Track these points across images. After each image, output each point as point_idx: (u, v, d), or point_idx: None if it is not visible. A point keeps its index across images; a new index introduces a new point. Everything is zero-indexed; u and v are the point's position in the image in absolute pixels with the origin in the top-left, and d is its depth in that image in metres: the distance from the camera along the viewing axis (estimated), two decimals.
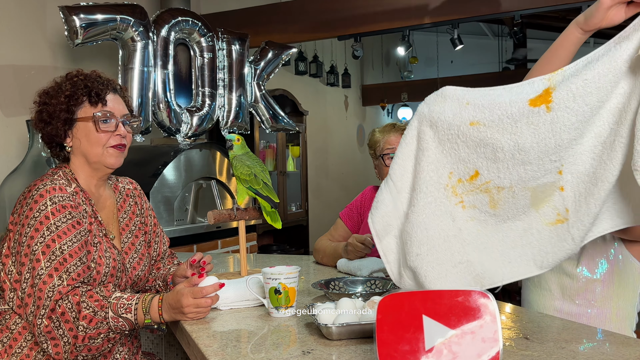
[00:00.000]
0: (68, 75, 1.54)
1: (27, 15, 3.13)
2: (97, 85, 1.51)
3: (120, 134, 1.52)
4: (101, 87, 1.51)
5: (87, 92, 1.49)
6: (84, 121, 1.49)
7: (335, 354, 1.08)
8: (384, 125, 2.20)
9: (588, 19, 1.15)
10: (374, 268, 1.82)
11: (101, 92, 1.50)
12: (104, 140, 1.49)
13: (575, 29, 1.20)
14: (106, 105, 1.51)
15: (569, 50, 1.23)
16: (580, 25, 1.18)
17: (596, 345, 1.10)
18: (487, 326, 0.89)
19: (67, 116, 1.48)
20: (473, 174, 1.10)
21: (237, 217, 1.82)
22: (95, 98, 1.49)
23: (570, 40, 1.22)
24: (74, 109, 1.48)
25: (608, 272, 1.43)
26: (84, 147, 1.49)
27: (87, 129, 1.49)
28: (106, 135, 1.50)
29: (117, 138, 1.51)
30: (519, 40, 5.21)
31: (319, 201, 6.59)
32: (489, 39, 9.01)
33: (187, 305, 1.33)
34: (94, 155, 1.50)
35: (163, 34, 3.26)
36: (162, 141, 3.50)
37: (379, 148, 2.14)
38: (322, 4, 4.06)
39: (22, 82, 3.08)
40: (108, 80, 1.56)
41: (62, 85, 1.50)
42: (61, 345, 1.31)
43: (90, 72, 1.55)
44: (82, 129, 1.49)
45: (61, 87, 1.50)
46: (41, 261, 1.33)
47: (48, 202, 1.37)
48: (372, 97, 8.54)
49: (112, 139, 1.51)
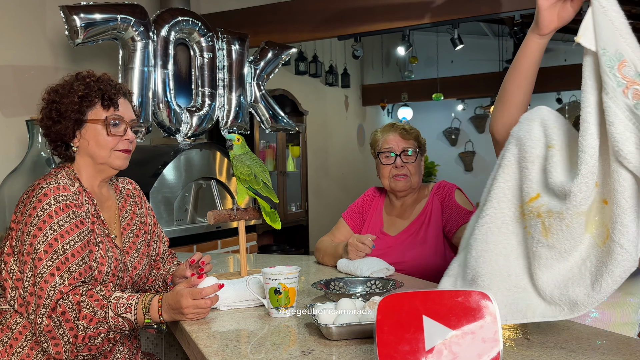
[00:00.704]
0: (79, 76, 1.54)
1: (27, 15, 3.13)
2: (110, 89, 1.52)
3: (128, 138, 1.54)
4: (114, 92, 1.52)
5: (100, 94, 1.50)
6: (94, 123, 1.50)
7: (335, 354, 1.08)
8: (384, 125, 2.22)
9: (539, 24, 1.16)
10: (374, 268, 1.82)
11: (114, 96, 1.52)
12: (112, 144, 1.51)
13: (532, 35, 1.20)
14: (118, 110, 1.52)
15: (532, 57, 1.23)
16: (535, 31, 1.19)
17: (597, 345, 1.10)
18: (488, 326, 0.89)
19: (78, 117, 1.48)
20: (534, 195, 1.06)
21: (237, 217, 1.82)
22: (108, 102, 1.50)
23: (531, 48, 1.22)
24: (85, 110, 1.49)
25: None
26: (92, 149, 1.50)
27: (97, 131, 1.50)
28: (115, 140, 1.51)
29: (126, 143, 1.53)
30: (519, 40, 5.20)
31: (319, 201, 6.59)
32: (489, 39, 9.01)
33: (186, 307, 1.33)
34: (101, 157, 1.51)
35: (163, 34, 3.26)
36: (162, 141, 3.50)
37: (377, 146, 2.16)
38: (322, 4, 4.06)
39: (22, 82, 3.08)
40: (119, 85, 1.57)
41: (73, 85, 1.50)
42: (61, 345, 1.31)
43: (102, 75, 1.56)
44: (92, 131, 1.50)
45: (73, 86, 1.50)
46: (43, 260, 1.33)
47: (52, 201, 1.38)
48: (372, 97, 8.55)
49: (121, 143, 1.52)
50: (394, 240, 2.10)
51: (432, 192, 2.13)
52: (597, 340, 1.13)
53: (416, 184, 2.12)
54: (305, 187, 5.82)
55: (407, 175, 2.09)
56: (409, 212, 2.15)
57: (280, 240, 5.67)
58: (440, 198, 2.09)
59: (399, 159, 2.09)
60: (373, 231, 2.14)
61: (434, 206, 2.09)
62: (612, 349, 1.08)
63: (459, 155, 9.83)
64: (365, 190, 2.33)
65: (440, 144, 9.83)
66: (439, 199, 2.09)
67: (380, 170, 2.14)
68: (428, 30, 8.37)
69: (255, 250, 4.04)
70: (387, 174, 2.11)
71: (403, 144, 2.11)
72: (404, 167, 2.09)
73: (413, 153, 2.10)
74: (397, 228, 2.14)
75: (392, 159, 2.10)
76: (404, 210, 2.16)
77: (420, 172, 2.14)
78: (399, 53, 6.95)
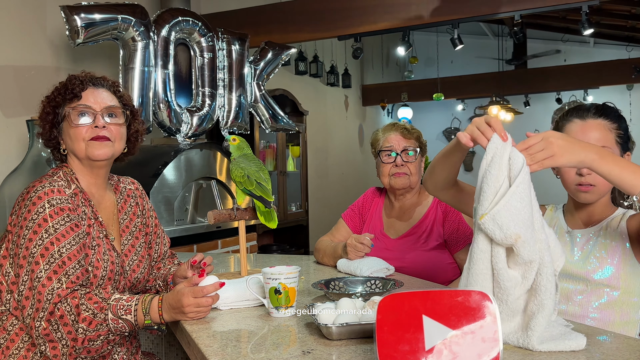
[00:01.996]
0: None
1: (27, 15, 3.13)
2: (72, 82, 1.52)
3: (97, 125, 1.50)
4: (77, 83, 1.52)
5: (63, 91, 1.50)
6: (65, 120, 1.51)
7: (335, 354, 1.08)
8: (386, 124, 2.23)
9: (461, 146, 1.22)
10: (373, 268, 1.82)
11: (76, 87, 1.51)
12: (82, 134, 1.49)
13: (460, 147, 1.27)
14: (80, 99, 1.50)
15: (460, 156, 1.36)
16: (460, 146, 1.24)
17: (597, 345, 1.10)
18: (488, 326, 0.89)
19: (52, 118, 1.50)
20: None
21: (237, 217, 1.82)
22: (71, 94, 1.50)
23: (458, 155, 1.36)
24: (56, 111, 1.50)
25: (614, 276, 1.42)
26: (70, 145, 1.51)
27: (68, 126, 1.50)
28: (84, 128, 1.49)
29: (95, 130, 1.49)
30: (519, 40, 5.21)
31: (319, 201, 6.59)
32: (489, 39, 9.01)
33: (187, 305, 1.33)
34: (79, 150, 1.50)
35: (163, 34, 3.26)
36: (162, 141, 3.50)
37: (378, 145, 2.17)
38: (322, 4, 4.06)
39: (23, 83, 3.08)
40: (88, 76, 1.55)
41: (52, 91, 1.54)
42: (59, 348, 1.31)
43: (78, 73, 1.57)
44: (66, 128, 1.51)
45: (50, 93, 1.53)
46: (40, 264, 1.32)
47: (46, 204, 1.37)
48: (372, 97, 8.55)
49: (89, 132, 1.49)
50: (394, 243, 2.10)
51: (435, 200, 2.11)
52: (597, 340, 1.13)
53: (415, 183, 2.12)
54: (305, 187, 5.82)
55: (407, 174, 2.09)
56: (408, 215, 2.14)
57: (280, 240, 5.67)
58: (443, 207, 2.08)
59: (399, 158, 2.09)
60: (373, 232, 2.13)
61: (437, 216, 2.08)
62: (612, 349, 1.08)
63: None
64: (365, 191, 2.33)
65: (440, 144, 9.82)
66: (442, 208, 2.09)
67: (381, 168, 2.14)
68: (428, 30, 8.37)
69: (255, 250, 4.04)
70: (387, 172, 2.12)
71: (404, 143, 2.11)
72: (404, 166, 2.09)
73: (414, 153, 2.11)
74: (397, 231, 2.13)
75: (393, 157, 2.10)
76: (403, 212, 2.16)
77: (420, 172, 2.14)
78: (399, 53, 6.94)
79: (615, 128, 1.46)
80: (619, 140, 1.46)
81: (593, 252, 1.46)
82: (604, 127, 1.46)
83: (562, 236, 1.53)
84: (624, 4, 6.16)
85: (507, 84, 8.08)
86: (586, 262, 1.46)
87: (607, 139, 1.45)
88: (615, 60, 7.60)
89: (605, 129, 1.46)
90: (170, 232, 3.09)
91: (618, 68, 7.46)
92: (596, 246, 1.46)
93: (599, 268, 1.44)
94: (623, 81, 7.70)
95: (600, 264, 1.44)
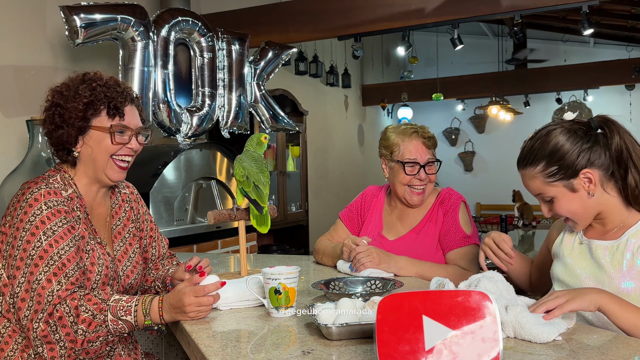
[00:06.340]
0: (86, 77, 1.49)
1: (27, 15, 3.13)
2: (117, 97, 1.47)
3: (132, 147, 1.50)
4: (121, 100, 1.48)
5: (106, 102, 1.45)
6: (98, 130, 1.46)
7: (335, 354, 1.08)
8: (402, 127, 2.10)
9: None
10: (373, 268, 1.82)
11: (120, 105, 1.47)
12: (113, 150, 1.48)
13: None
14: (123, 119, 1.48)
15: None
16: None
17: (597, 345, 1.10)
18: (488, 326, 0.89)
19: (82, 124, 1.44)
20: None
21: (237, 217, 1.82)
22: (114, 111, 1.46)
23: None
24: (90, 118, 1.45)
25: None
26: (94, 155, 1.47)
27: (101, 137, 1.46)
28: (117, 147, 1.48)
29: (128, 150, 1.50)
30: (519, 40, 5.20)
31: (319, 201, 6.59)
32: (489, 39, 9.01)
33: (189, 304, 1.33)
34: (101, 161, 1.47)
35: (163, 34, 3.26)
36: (162, 141, 3.49)
37: (397, 153, 2.05)
38: (322, 4, 4.06)
39: (22, 83, 3.08)
40: (127, 91, 1.52)
41: (79, 88, 1.45)
42: (57, 350, 1.30)
43: (109, 79, 1.51)
44: (95, 137, 1.46)
45: (78, 91, 1.45)
46: (39, 266, 1.31)
47: (43, 206, 1.35)
48: (372, 97, 8.54)
49: (123, 150, 1.49)
50: (391, 244, 2.06)
51: (437, 202, 2.08)
52: (597, 340, 1.13)
53: (428, 195, 2.08)
54: (305, 187, 5.82)
55: (425, 190, 2.04)
56: (409, 216, 2.11)
57: (280, 240, 5.67)
58: (444, 209, 2.05)
59: (422, 172, 2.01)
60: (372, 234, 2.11)
61: (437, 217, 2.05)
62: (612, 349, 1.08)
63: (459, 155, 9.83)
64: (364, 190, 2.28)
65: (440, 144, 9.63)
66: (443, 210, 2.05)
67: (399, 177, 2.04)
68: (428, 30, 8.37)
69: (255, 250, 4.03)
70: (406, 181, 2.03)
71: (427, 155, 2.04)
72: (426, 179, 2.02)
73: (435, 164, 2.05)
74: (396, 233, 2.11)
75: (416, 169, 2.01)
76: (406, 213, 2.12)
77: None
78: (399, 53, 6.94)
79: (541, 170, 1.43)
80: (550, 180, 1.42)
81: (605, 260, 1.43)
82: (532, 176, 1.46)
83: (582, 249, 1.50)
84: (624, 4, 6.16)
85: (507, 84, 8.08)
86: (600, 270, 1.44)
87: (538, 187, 1.45)
88: (615, 60, 7.60)
89: (533, 177, 1.45)
90: (170, 232, 3.09)
91: (618, 68, 7.45)
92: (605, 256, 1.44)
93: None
94: (623, 81, 7.69)
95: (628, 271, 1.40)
